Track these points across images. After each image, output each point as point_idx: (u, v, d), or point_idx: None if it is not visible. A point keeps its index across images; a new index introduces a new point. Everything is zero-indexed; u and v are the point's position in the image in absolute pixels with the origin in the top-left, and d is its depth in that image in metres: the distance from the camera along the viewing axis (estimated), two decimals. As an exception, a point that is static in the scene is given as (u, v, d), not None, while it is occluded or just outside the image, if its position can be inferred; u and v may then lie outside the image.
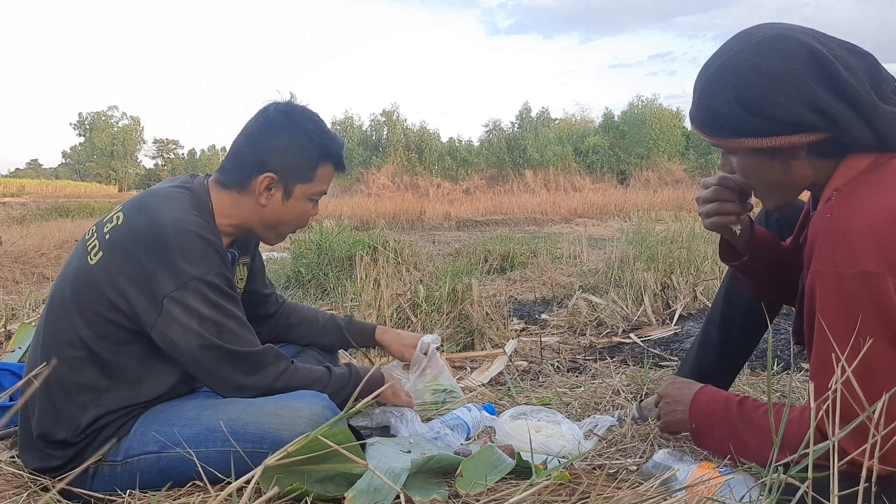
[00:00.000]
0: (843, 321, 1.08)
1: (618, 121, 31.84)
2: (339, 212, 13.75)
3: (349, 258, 4.44)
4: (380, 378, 1.72)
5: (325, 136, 1.53)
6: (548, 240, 7.90)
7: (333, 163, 1.56)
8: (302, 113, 1.54)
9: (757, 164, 1.22)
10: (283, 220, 1.55)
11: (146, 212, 1.42)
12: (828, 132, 1.14)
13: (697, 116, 1.25)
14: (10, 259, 6.29)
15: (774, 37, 1.16)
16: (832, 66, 1.12)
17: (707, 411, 1.35)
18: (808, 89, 1.12)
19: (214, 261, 1.40)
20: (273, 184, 1.50)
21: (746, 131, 1.17)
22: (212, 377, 1.43)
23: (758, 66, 1.14)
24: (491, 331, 3.06)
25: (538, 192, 21.40)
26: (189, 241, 1.37)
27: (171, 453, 1.38)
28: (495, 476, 1.36)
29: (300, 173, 1.51)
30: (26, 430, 1.47)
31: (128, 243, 1.39)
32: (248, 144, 1.51)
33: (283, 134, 1.50)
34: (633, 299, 3.65)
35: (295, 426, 1.36)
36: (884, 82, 1.15)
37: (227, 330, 1.40)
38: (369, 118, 35.25)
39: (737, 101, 1.16)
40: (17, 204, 19.06)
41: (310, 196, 1.55)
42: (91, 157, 47.89)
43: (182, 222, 1.39)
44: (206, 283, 1.37)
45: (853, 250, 1.07)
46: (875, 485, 0.81)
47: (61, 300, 1.45)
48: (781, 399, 1.99)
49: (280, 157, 1.49)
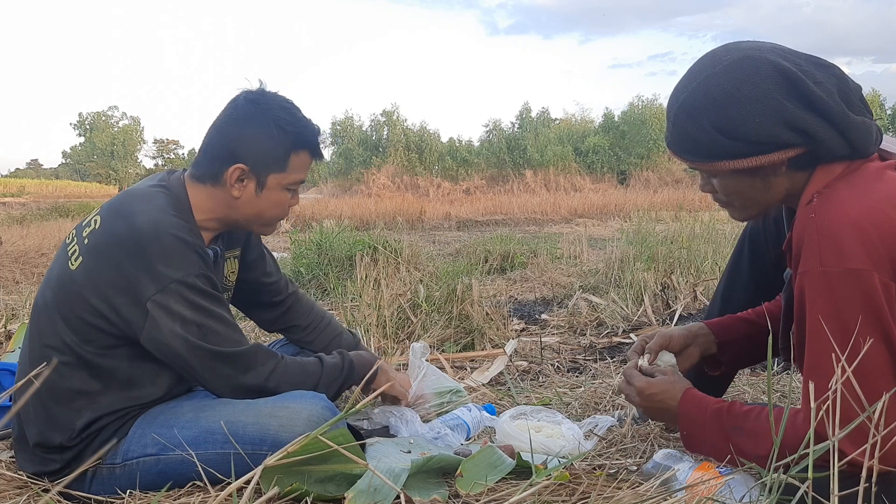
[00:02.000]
0: (833, 320, 1.09)
1: (618, 121, 31.83)
2: (339, 212, 13.76)
3: (349, 258, 4.44)
4: (372, 362, 1.67)
5: (298, 124, 1.48)
6: (548, 240, 7.90)
7: (308, 150, 1.50)
8: (272, 100, 1.48)
9: (738, 184, 1.23)
10: (259, 211, 1.50)
11: (123, 215, 1.41)
12: (805, 146, 1.16)
13: (675, 143, 1.26)
14: (10, 259, 6.28)
15: (742, 58, 1.17)
16: (802, 83, 1.14)
17: (696, 421, 1.34)
18: (781, 108, 1.14)
19: (194, 262, 1.37)
20: (245, 175, 1.45)
21: (726, 154, 1.19)
22: (205, 378, 1.42)
23: (729, 90, 1.16)
24: (491, 331, 3.06)
25: (538, 192, 21.40)
26: (167, 244, 1.35)
27: (170, 455, 1.38)
28: (495, 476, 1.36)
29: (272, 163, 1.46)
30: (21, 436, 1.47)
31: (107, 248, 1.38)
32: (218, 136, 1.47)
33: (252, 123, 1.45)
34: (634, 299, 3.65)
35: (294, 427, 1.36)
36: (851, 93, 1.18)
37: (211, 331, 1.38)
38: (369, 118, 35.28)
39: (713, 127, 1.18)
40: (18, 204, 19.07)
41: (285, 186, 1.49)
42: (91, 157, 47.86)
43: (159, 224, 1.37)
44: (186, 286, 1.35)
45: (839, 249, 1.08)
46: (875, 485, 0.81)
47: (44, 306, 1.44)
48: (781, 399, 1.99)
49: (250, 146, 1.44)
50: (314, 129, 1.52)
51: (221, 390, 1.44)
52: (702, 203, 14.41)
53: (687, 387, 1.39)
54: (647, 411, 1.47)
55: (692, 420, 1.33)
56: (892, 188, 1.15)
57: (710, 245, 4.76)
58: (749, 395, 2.21)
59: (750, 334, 1.59)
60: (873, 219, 1.09)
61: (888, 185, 1.15)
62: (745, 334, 1.59)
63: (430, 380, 1.99)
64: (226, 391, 1.44)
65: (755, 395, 2.19)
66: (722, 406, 1.29)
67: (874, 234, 1.08)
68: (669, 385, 1.41)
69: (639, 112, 31.66)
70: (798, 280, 1.15)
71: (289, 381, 1.47)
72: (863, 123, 1.16)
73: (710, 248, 4.64)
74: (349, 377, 1.59)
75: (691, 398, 1.36)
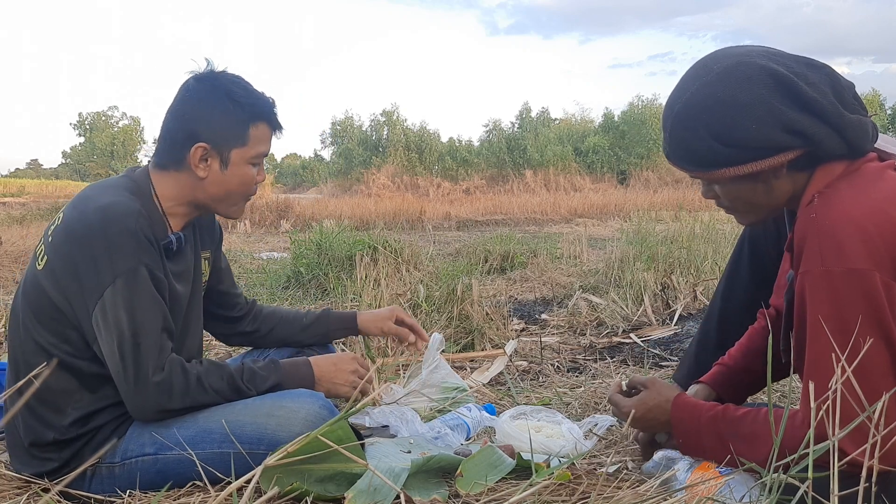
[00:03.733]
0: (833, 320, 1.09)
1: (618, 121, 31.80)
2: (339, 212, 13.74)
3: (349, 258, 4.44)
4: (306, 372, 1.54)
5: (251, 96, 1.47)
6: (548, 240, 7.90)
7: (266, 121, 1.49)
8: (222, 77, 1.48)
9: (741, 190, 1.23)
10: (227, 189, 1.49)
11: (77, 206, 1.41)
12: (803, 148, 1.16)
13: (673, 154, 1.26)
14: (10, 259, 6.28)
15: (733, 65, 1.17)
16: (795, 85, 1.14)
17: (692, 429, 1.33)
18: (777, 111, 1.14)
19: (136, 251, 1.34)
20: (207, 153, 1.44)
21: (725, 162, 1.19)
22: (123, 395, 1.37)
23: (723, 98, 1.16)
24: (491, 331, 3.06)
25: (538, 192, 21.39)
26: (111, 230, 1.33)
27: (169, 455, 1.38)
28: (495, 476, 1.36)
29: (232, 137, 1.45)
30: (16, 439, 1.47)
31: (63, 244, 1.37)
32: (175, 120, 1.47)
33: (206, 101, 1.45)
34: (633, 299, 3.65)
35: (292, 427, 1.36)
36: (844, 91, 1.18)
37: (144, 343, 1.33)
38: (369, 118, 35.22)
39: (710, 136, 1.18)
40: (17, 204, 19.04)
41: (249, 160, 1.48)
42: (91, 157, 47.89)
43: (106, 210, 1.35)
44: (127, 279, 1.32)
45: (840, 248, 1.08)
46: (875, 485, 0.81)
47: (20, 308, 1.45)
48: (781, 399, 1.99)
49: (208, 124, 1.44)
50: (268, 101, 1.51)
51: (133, 410, 1.38)
52: (702, 203, 14.38)
53: (675, 394, 1.39)
54: (644, 430, 1.47)
55: (687, 428, 1.33)
56: (893, 187, 1.15)
57: (710, 245, 4.76)
58: (749, 395, 2.20)
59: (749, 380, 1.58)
60: (875, 218, 1.09)
61: (889, 185, 1.15)
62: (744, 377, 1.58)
63: (440, 374, 2.01)
64: (136, 413, 1.38)
65: (755, 395, 2.19)
66: (716, 412, 1.28)
67: (875, 234, 1.08)
68: (655, 396, 1.41)
69: (639, 112, 31.63)
70: (799, 280, 1.15)
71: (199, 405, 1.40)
72: (858, 121, 1.16)
73: (710, 248, 4.64)
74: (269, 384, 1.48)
75: (683, 405, 1.36)
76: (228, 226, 11.50)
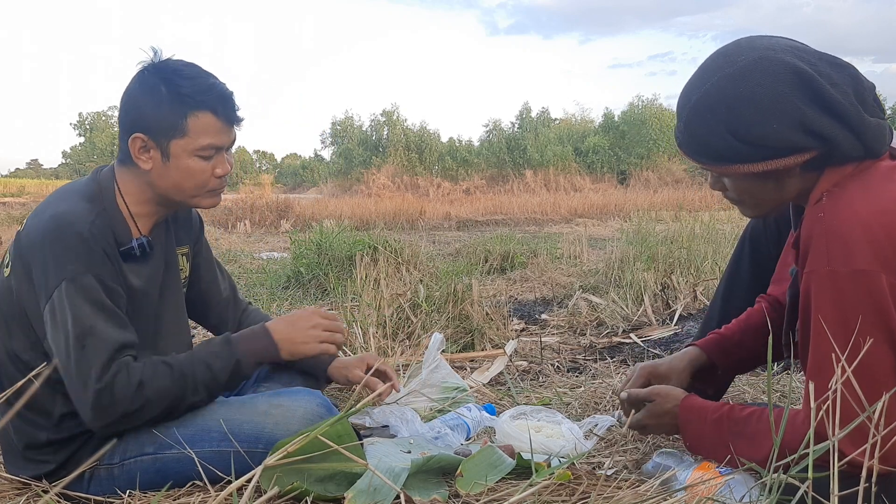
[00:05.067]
0: (838, 320, 1.08)
1: (618, 121, 31.79)
2: (339, 212, 13.73)
3: (349, 258, 4.44)
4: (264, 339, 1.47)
5: (192, 85, 1.37)
6: (548, 240, 7.90)
7: (210, 110, 1.38)
8: (165, 65, 1.40)
9: (751, 186, 1.22)
10: (175, 182, 1.41)
11: (37, 212, 1.40)
12: (820, 149, 1.14)
13: (686, 144, 1.23)
14: (11, 259, 6.28)
15: (757, 59, 1.14)
16: (819, 85, 1.11)
17: (698, 431, 1.34)
18: (798, 112, 1.11)
19: (84, 258, 1.30)
20: (146, 144, 1.38)
21: (740, 158, 1.16)
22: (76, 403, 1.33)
23: (745, 94, 1.13)
24: (491, 331, 3.06)
25: (538, 192, 21.38)
26: (61, 237, 1.30)
27: (168, 454, 1.38)
28: (495, 476, 1.36)
29: (169, 128, 1.37)
30: (11, 444, 1.46)
31: (22, 249, 1.36)
32: (121, 112, 1.42)
33: (143, 89, 1.38)
34: (633, 299, 3.65)
35: (289, 425, 1.36)
36: (866, 93, 1.16)
37: (89, 346, 1.28)
38: (369, 118, 35.21)
39: (728, 131, 1.15)
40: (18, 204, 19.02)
41: (194, 152, 1.38)
42: (91, 157, 47.84)
43: (58, 218, 1.32)
44: (74, 285, 1.29)
45: (847, 249, 1.08)
46: (875, 485, 0.81)
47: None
48: (781, 399, 1.99)
49: (142, 113, 1.38)
50: (218, 89, 1.40)
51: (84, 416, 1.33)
52: (702, 203, 14.40)
53: (681, 399, 1.39)
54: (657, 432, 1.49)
55: (694, 430, 1.35)
56: None
57: (710, 245, 4.75)
58: (749, 395, 2.21)
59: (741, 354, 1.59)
60: (882, 219, 1.08)
61: None
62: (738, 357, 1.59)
63: (441, 373, 2.01)
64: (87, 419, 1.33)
65: (755, 395, 2.19)
66: (722, 413, 1.29)
67: (882, 235, 1.07)
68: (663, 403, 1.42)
69: (639, 112, 31.62)
70: (805, 279, 1.14)
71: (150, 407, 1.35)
72: (877, 125, 1.14)
73: (710, 248, 4.63)
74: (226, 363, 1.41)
75: (690, 408, 1.36)
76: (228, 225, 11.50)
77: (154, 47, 1.43)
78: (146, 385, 1.33)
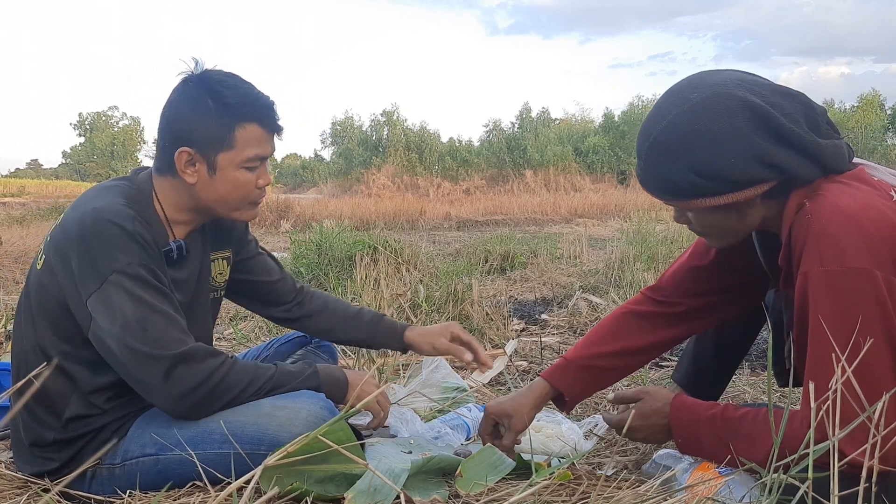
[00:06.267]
0: (835, 320, 1.08)
1: (618, 121, 31.80)
2: (339, 212, 13.74)
3: (349, 258, 4.44)
4: (341, 375, 1.53)
5: (238, 96, 1.38)
6: (548, 240, 7.90)
7: (257, 122, 1.39)
8: (209, 76, 1.40)
9: (713, 219, 1.24)
10: (220, 195, 1.41)
11: (75, 207, 1.40)
12: (779, 179, 1.16)
13: (648, 182, 1.25)
14: (11, 259, 6.28)
15: (710, 96, 1.16)
16: (772, 117, 1.13)
17: (691, 430, 1.32)
18: (755, 146, 1.13)
19: (134, 251, 1.31)
20: (192, 158, 1.38)
21: (701, 193, 1.18)
22: (140, 383, 1.33)
23: (700, 130, 1.15)
24: (491, 331, 3.06)
25: (538, 192, 21.38)
26: (106, 232, 1.30)
27: (170, 455, 1.37)
28: (495, 476, 1.36)
29: (216, 141, 1.37)
30: (18, 438, 1.47)
31: (60, 243, 1.36)
32: (162, 123, 1.41)
33: (189, 103, 1.38)
34: (634, 299, 3.65)
35: (293, 427, 1.35)
36: (818, 118, 1.18)
37: (153, 327, 1.29)
38: (369, 118, 35.25)
39: (687, 168, 1.17)
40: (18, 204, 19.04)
41: (241, 164, 1.39)
42: (91, 158, 47.93)
43: (101, 212, 1.32)
44: (127, 276, 1.29)
45: (839, 248, 1.08)
46: (875, 485, 0.81)
47: (22, 308, 1.45)
48: (781, 399, 1.99)
49: (189, 127, 1.37)
50: (262, 100, 1.41)
51: (158, 397, 1.33)
52: (702, 203, 14.36)
53: (672, 396, 1.38)
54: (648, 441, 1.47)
55: (686, 429, 1.32)
56: (877, 185, 1.17)
57: (710, 245, 4.75)
58: (749, 394, 2.21)
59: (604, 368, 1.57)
60: (870, 214, 1.09)
61: (871, 183, 1.17)
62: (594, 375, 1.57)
63: (441, 373, 2.01)
64: (162, 399, 1.33)
65: (755, 395, 2.19)
66: (715, 412, 1.27)
67: (873, 231, 1.08)
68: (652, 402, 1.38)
69: (639, 112, 31.63)
70: (799, 280, 1.14)
71: (234, 379, 1.37)
72: (833, 146, 1.17)
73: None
74: (308, 382, 1.47)
75: (681, 406, 1.34)
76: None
77: (195, 58, 1.42)
78: (228, 363, 1.36)
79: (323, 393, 1.45)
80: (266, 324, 3.22)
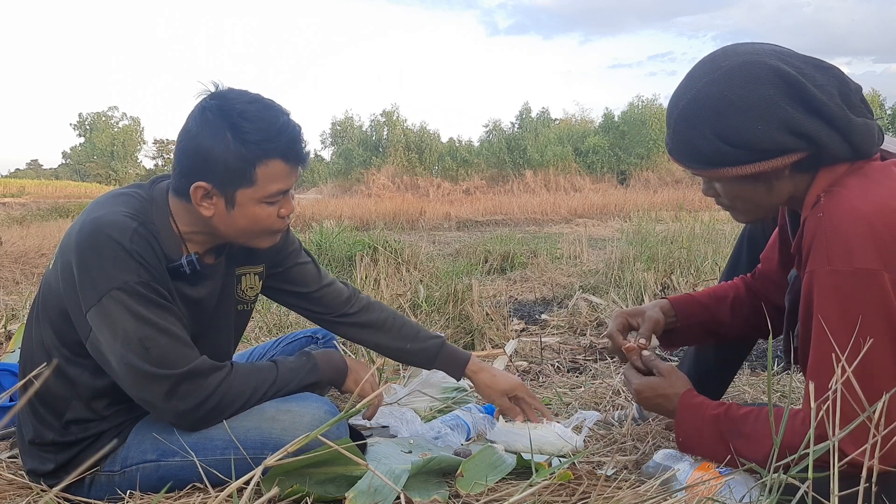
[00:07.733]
0: (840, 320, 1.08)
1: (618, 121, 31.84)
2: (339, 212, 13.76)
3: (349, 258, 4.45)
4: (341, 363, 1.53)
5: (261, 131, 1.29)
6: (548, 240, 7.91)
7: (280, 157, 1.31)
8: (229, 104, 1.30)
9: (742, 189, 1.22)
10: (239, 229, 1.36)
11: (85, 212, 1.38)
12: (808, 150, 1.15)
13: (676, 150, 1.25)
14: (11, 259, 6.28)
15: (742, 63, 1.15)
16: (803, 86, 1.12)
17: (694, 428, 1.32)
18: (784, 113, 1.12)
19: (131, 268, 1.27)
20: (210, 193, 1.32)
21: (728, 161, 1.17)
22: (144, 400, 1.32)
23: (730, 96, 1.14)
24: (491, 331, 3.06)
25: (538, 192, 21.40)
26: (102, 246, 1.27)
27: (170, 461, 1.36)
28: (495, 476, 1.36)
29: (236, 178, 1.30)
30: (20, 434, 1.47)
31: (65, 247, 1.35)
32: (180, 148, 1.34)
33: (208, 135, 1.29)
34: (634, 299, 3.65)
35: (296, 431, 1.33)
36: (852, 94, 1.17)
37: (155, 345, 1.27)
38: (369, 118, 35.31)
39: (715, 135, 1.16)
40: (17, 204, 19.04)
41: (261, 200, 1.33)
42: (91, 158, 47.88)
43: (100, 223, 1.29)
44: (126, 293, 1.26)
45: (848, 248, 1.08)
46: (875, 485, 0.81)
47: (35, 307, 1.45)
48: (781, 399, 1.99)
49: (208, 162, 1.29)
50: (287, 132, 1.32)
51: (163, 413, 1.33)
52: (702, 203, 14.40)
53: (684, 390, 1.37)
54: (645, 409, 1.46)
55: (689, 426, 1.32)
56: None
57: (710, 245, 4.76)
58: (749, 394, 2.21)
59: (703, 321, 1.60)
60: (884, 216, 1.08)
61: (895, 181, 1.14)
62: (700, 320, 1.61)
63: (441, 373, 2.00)
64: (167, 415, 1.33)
65: (755, 395, 2.19)
66: (720, 411, 1.28)
67: (884, 232, 1.07)
68: (667, 387, 1.39)
69: (639, 112, 31.67)
70: (806, 279, 1.14)
71: (238, 389, 1.36)
72: (864, 125, 1.15)
73: (710, 248, 4.64)
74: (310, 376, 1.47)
75: (688, 404, 1.34)
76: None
77: (215, 81, 1.35)
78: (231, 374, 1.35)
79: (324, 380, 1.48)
80: (266, 324, 3.22)
